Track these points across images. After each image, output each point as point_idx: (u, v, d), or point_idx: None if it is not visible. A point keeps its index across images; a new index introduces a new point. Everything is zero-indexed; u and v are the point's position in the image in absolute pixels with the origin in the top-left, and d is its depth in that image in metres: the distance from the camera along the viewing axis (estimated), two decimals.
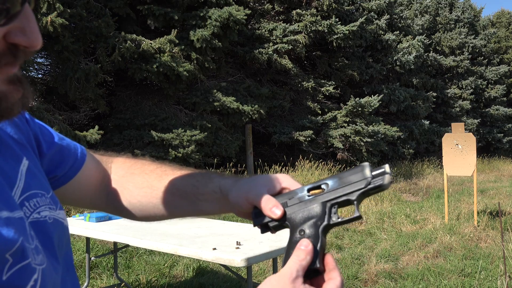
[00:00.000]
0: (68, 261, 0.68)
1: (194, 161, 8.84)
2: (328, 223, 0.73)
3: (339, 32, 11.83)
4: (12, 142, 0.66)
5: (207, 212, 0.86)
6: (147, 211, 0.89)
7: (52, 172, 0.78)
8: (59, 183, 0.81)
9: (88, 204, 0.91)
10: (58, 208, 0.67)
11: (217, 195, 0.82)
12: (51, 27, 6.85)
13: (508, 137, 20.73)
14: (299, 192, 0.76)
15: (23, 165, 0.64)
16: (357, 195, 0.73)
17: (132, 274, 4.51)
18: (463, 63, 18.97)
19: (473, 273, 4.51)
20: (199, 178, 0.85)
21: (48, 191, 0.67)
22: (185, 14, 9.23)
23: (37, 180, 0.65)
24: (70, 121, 8.52)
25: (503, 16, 25.49)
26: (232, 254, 2.47)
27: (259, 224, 0.76)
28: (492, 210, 7.60)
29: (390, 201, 8.82)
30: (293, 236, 0.72)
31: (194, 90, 9.68)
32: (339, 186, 0.74)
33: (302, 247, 0.68)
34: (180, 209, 0.87)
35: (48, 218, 0.63)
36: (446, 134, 6.96)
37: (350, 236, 6.15)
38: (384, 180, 0.72)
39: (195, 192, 0.84)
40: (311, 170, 9.94)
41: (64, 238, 0.67)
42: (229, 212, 0.84)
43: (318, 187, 0.76)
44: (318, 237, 0.70)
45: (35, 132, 0.74)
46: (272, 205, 0.74)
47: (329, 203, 0.74)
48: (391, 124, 13.98)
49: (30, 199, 0.62)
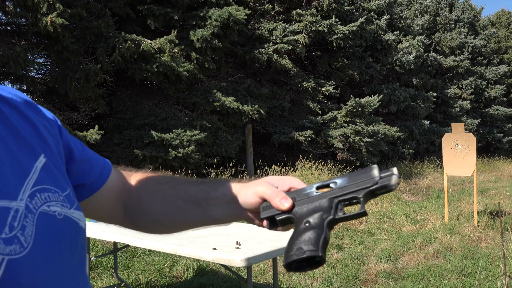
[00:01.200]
0: (82, 263, 0.68)
1: (194, 161, 8.84)
2: (334, 218, 0.74)
3: (339, 32, 11.83)
4: (32, 139, 0.68)
5: (217, 218, 0.86)
6: (162, 221, 0.90)
7: (80, 180, 0.80)
8: (86, 193, 0.82)
9: (106, 217, 0.92)
10: (73, 207, 0.68)
11: (227, 198, 0.83)
12: (51, 27, 6.84)
13: (508, 137, 20.73)
14: (307, 189, 0.78)
15: (39, 161, 0.66)
16: (364, 193, 0.75)
17: (132, 274, 4.51)
18: (463, 63, 18.96)
19: (473, 273, 4.51)
20: (210, 184, 0.87)
21: (64, 190, 0.68)
22: (185, 14, 9.23)
23: (52, 177, 0.67)
24: (70, 121, 8.52)
25: (503, 16, 25.48)
26: (232, 254, 2.47)
27: (266, 216, 0.78)
28: (492, 210, 7.60)
29: (390, 201, 8.82)
30: (298, 227, 0.73)
31: (194, 90, 9.68)
32: (347, 184, 0.76)
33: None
34: (191, 216, 0.87)
35: (57, 214, 0.64)
36: (446, 134, 6.96)
37: (350, 236, 6.15)
38: (391, 180, 0.74)
39: (206, 197, 0.85)
40: (311, 170, 9.94)
41: (79, 239, 0.68)
42: (238, 217, 0.85)
43: (327, 185, 0.78)
44: (322, 228, 0.72)
45: (67, 139, 0.77)
46: (281, 197, 0.76)
47: (337, 199, 0.75)
48: (391, 124, 13.97)
49: (41, 192, 0.63)
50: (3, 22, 7.99)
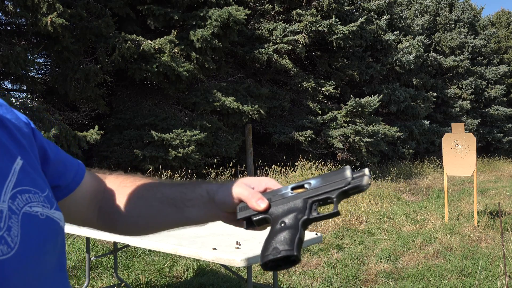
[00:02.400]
0: (62, 262, 0.69)
1: (194, 161, 8.84)
2: (308, 218, 0.76)
3: (339, 32, 11.83)
4: (7, 141, 0.67)
5: (193, 219, 0.87)
6: (138, 223, 0.90)
7: (55, 181, 0.79)
8: (60, 194, 0.82)
9: (80, 219, 0.91)
10: (53, 208, 0.68)
11: (204, 199, 0.84)
12: (51, 27, 6.84)
13: (508, 137, 20.73)
14: (283, 190, 0.80)
15: (16, 163, 0.66)
16: (337, 193, 0.77)
17: (132, 274, 4.51)
18: (463, 63, 18.96)
19: (473, 273, 4.51)
20: (187, 186, 0.88)
21: (43, 190, 0.68)
22: (185, 14, 9.23)
23: (31, 179, 0.67)
24: (70, 121, 8.51)
25: (503, 16, 25.48)
26: (232, 254, 2.47)
27: (243, 217, 0.80)
28: (492, 210, 7.60)
29: (390, 201, 8.82)
30: (274, 227, 0.76)
31: (194, 90, 9.68)
32: (321, 185, 0.79)
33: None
34: (168, 217, 0.88)
35: (40, 214, 0.64)
36: (446, 134, 6.96)
37: (350, 236, 6.15)
38: (363, 181, 0.76)
39: (183, 198, 0.86)
40: (311, 170, 9.93)
41: (59, 239, 0.68)
42: (214, 218, 0.86)
43: (301, 186, 0.80)
44: (297, 228, 0.74)
45: (41, 141, 0.77)
46: (257, 198, 0.78)
47: (311, 200, 0.78)
48: (391, 124, 13.98)
49: (22, 193, 0.63)
50: (3, 22, 7.99)
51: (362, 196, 8.52)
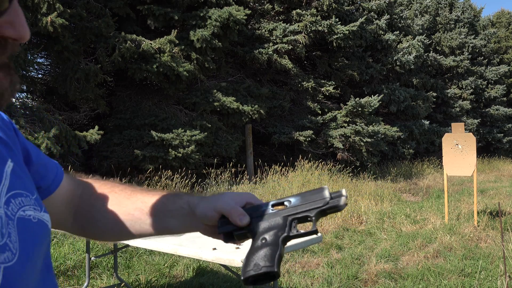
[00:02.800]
0: (48, 262, 0.69)
1: (194, 161, 8.84)
2: (288, 235, 0.79)
3: (339, 32, 11.83)
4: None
5: (172, 229, 0.87)
6: (113, 229, 0.89)
7: (37, 183, 0.79)
8: (41, 195, 0.81)
9: (55, 222, 0.89)
10: (42, 210, 0.68)
11: (184, 211, 0.85)
12: (51, 27, 6.84)
13: (508, 137, 20.73)
14: (264, 206, 0.83)
15: (7, 166, 0.65)
16: (315, 212, 0.81)
17: (132, 274, 4.51)
18: (463, 63, 18.96)
19: (473, 273, 4.51)
20: (169, 197, 0.88)
21: (33, 193, 0.68)
22: (185, 14, 9.23)
23: (21, 181, 0.66)
24: (70, 121, 8.52)
25: (503, 16, 25.48)
26: (232, 254, 2.47)
27: (224, 231, 0.82)
28: (492, 210, 7.60)
29: (390, 201, 8.82)
30: (255, 243, 0.78)
31: (194, 90, 9.68)
32: (300, 203, 0.82)
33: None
34: (145, 226, 0.87)
35: (32, 217, 0.64)
36: (446, 134, 6.96)
37: (350, 236, 6.15)
38: (340, 201, 0.80)
39: (163, 209, 0.86)
40: (311, 170, 9.93)
41: (47, 240, 0.68)
42: (193, 229, 0.87)
43: (282, 203, 0.83)
44: (278, 245, 0.77)
45: (24, 142, 0.76)
46: (239, 214, 0.80)
47: (290, 218, 0.81)
48: (391, 124, 13.98)
49: (15, 197, 0.63)
50: None
51: (362, 196, 8.52)
